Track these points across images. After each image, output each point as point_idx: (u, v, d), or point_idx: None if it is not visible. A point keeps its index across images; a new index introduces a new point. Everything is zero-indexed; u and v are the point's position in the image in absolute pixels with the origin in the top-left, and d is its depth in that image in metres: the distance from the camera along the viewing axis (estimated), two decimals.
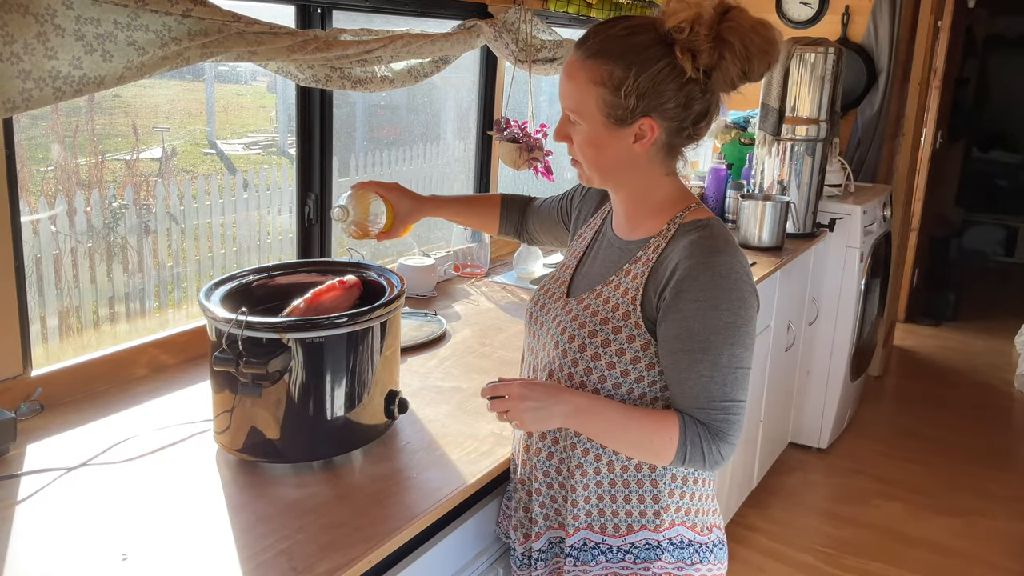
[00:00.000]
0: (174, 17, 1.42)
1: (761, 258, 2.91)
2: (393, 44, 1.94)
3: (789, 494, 3.33)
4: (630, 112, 1.18)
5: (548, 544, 1.35)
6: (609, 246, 1.34)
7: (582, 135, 1.23)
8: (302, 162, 2.12)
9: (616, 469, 1.27)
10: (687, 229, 1.23)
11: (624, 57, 1.16)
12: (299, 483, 1.34)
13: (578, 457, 1.28)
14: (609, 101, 1.18)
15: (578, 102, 1.21)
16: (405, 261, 2.32)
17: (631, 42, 1.17)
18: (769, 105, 3.30)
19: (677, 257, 1.20)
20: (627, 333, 1.23)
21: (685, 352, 1.18)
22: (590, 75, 1.18)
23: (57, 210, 1.72)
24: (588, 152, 1.24)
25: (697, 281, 1.17)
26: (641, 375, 1.23)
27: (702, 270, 1.17)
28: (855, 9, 3.89)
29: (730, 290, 1.17)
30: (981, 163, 7.12)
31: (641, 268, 1.24)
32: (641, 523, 1.28)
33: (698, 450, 1.18)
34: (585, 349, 1.25)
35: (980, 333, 5.27)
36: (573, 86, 1.21)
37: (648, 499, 1.28)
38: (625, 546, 1.29)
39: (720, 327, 1.16)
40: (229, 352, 1.26)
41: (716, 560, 1.34)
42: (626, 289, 1.25)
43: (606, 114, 1.19)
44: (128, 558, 1.14)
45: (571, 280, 1.37)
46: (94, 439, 1.46)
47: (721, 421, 1.18)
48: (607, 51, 1.17)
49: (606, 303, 1.26)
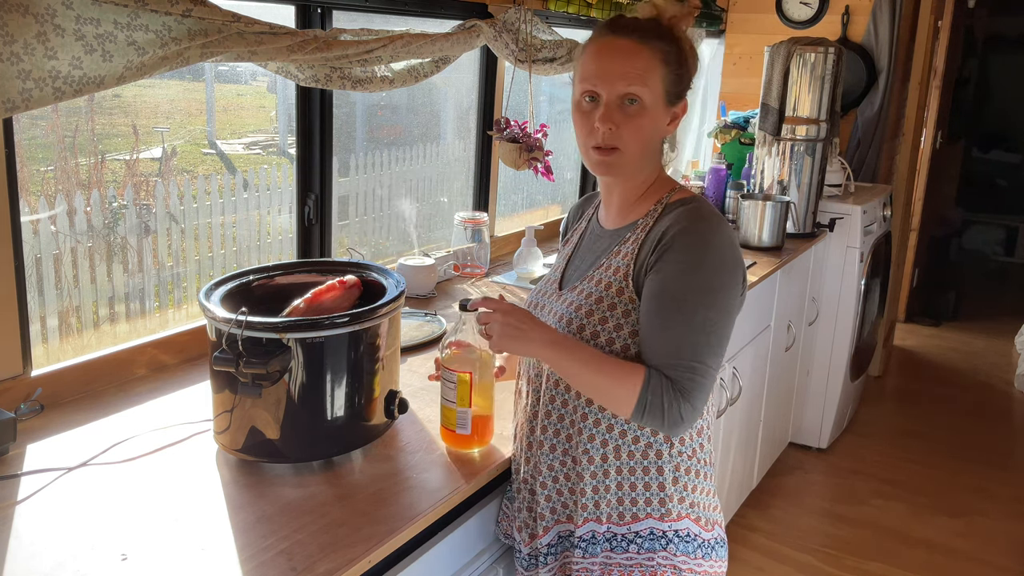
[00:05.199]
0: (174, 17, 1.42)
1: (761, 258, 2.90)
2: (393, 44, 1.94)
3: (789, 494, 3.33)
4: (683, 89, 1.28)
5: (557, 538, 1.35)
6: (598, 238, 1.38)
7: (645, 115, 1.25)
8: (302, 162, 2.12)
9: (623, 456, 1.29)
10: (674, 206, 1.28)
11: (668, 40, 1.26)
12: (299, 483, 1.34)
13: (584, 444, 1.30)
14: (672, 79, 1.26)
15: (648, 80, 1.24)
16: (405, 261, 2.32)
17: (662, 30, 1.26)
18: (769, 105, 3.30)
19: (663, 228, 1.25)
20: (622, 308, 1.26)
21: (659, 310, 1.22)
22: (657, 55, 1.24)
23: (57, 210, 1.72)
24: (646, 132, 1.27)
25: (680, 243, 1.22)
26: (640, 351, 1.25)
27: (686, 234, 1.22)
28: (855, 9, 3.89)
29: (712, 254, 1.22)
30: (981, 163, 7.13)
31: (630, 247, 1.29)
32: (647, 511, 1.29)
33: (658, 403, 1.19)
34: (583, 329, 1.27)
35: (980, 333, 5.27)
36: (642, 65, 1.24)
37: (654, 486, 1.29)
38: (630, 535, 1.30)
39: (697, 288, 1.20)
40: (229, 352, 1.26)
41: (718, 558, 1.35)
42: (617, 268, 1.29)
43: (667, 91, 1.26)
44: (128, 558, 1.14)
45: (562, 277, 1.41)
46: (94, 439, 1.46)
47: (687, 380, 1.20)
48: (655, 33, 1.25)
49: (599, 284, 1.29)
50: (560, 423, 1.32)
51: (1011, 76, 6.98)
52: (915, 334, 5.19)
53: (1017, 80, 7.00)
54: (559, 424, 1.32)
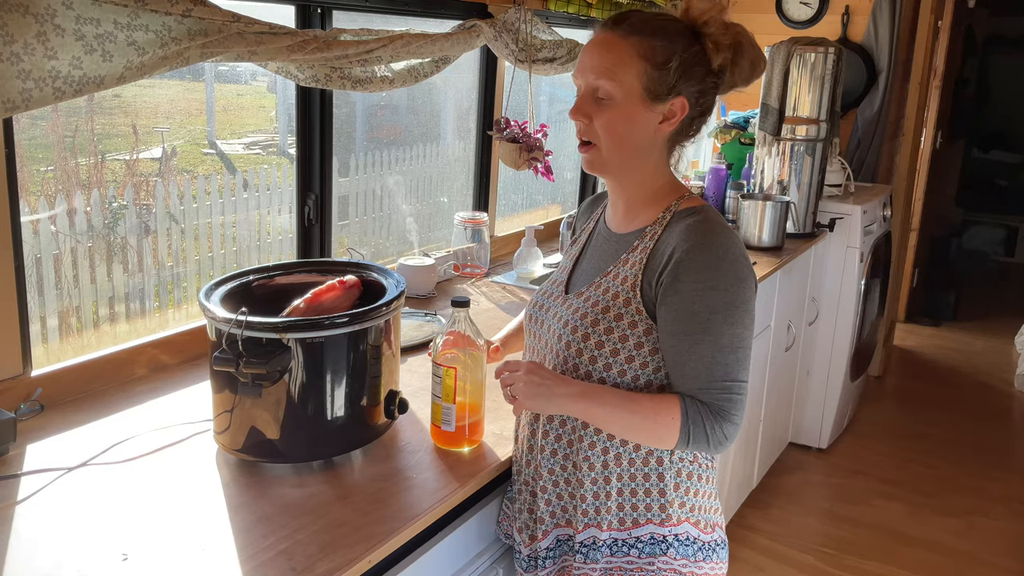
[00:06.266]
0: (174, 17, 1.42)
1: (761, 258, 2.91)
2: (393, 44, 1.94)
3: (789, 494, 3.33)
4: (670, 88, 1.22)
5: (556, 542, 1.35)
6: (605, 241, 1.36)
7: (614, 110, 1.23)
8: (302, 162, 2.12)
9: (623, 463, 1.28)
10: (682, 216, 1.26)
11: (667, 36, 1.22)
12: (299, 483, 1.34)
13: (585, 451, 1.29)
14: (652, 75, 1.21)
15: (618, 74, 1.21)
16: (405, 261, 2.32)
17: (670, 26, 1.23)
18: (769, 105, 3.30)
19: (674, 241, 1.22)
20: (629, 320, 1.24)
21: (686, 333, 1.19)
22: (635, 49, 1.21)
23: (57, 210, 1.72)
24: (618, 127, 1.24)
25: (695, 263, 1.19)
26: (646, 361, 1.25)
27: (699, 252, 1.19)
28: (855, 9, 3.89)
29: (727, 271, 1.19)
30: (981, 163, 7.13)
31: (639, 256, 1.26)
32: (647, 517, 1.29)
33: (701, 431, 1.18)
34: (589, 338, 1.26)
35: (980, 333, 5.27)
36: (613, 58, 1.22)
37: (655, 492, 1.28)
38: (631, 540, 1.29)
39: (719, 307, 1.18)
40: (229, 352, 1.26)
41: (718, 559, 1.35)
42: (625, 277, 1.26)
43: (645, 88, 1.22)
44: (128, 558, 1.14)
45: (569, 279, 1.39)
46: (94, 439, 1.46)
47: (724, 401, 1.19)
48: (650, 29, 1.22)
49: (606, 293, 1.28)
50: (562, 428, 1.32)
51: (1011, 76, 6.99)
52: (915, 334, 5.19)
53: (1017, 80, 7.00)
54: (560, 429, 1.32)
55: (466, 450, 1.46)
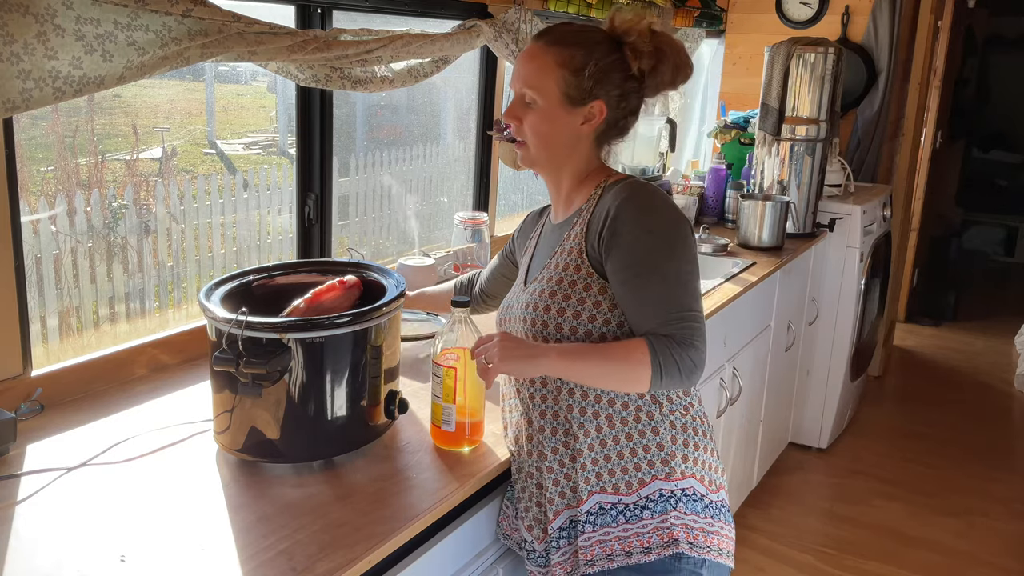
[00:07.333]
0: (174, 17, 1.42)
1: (761, 258, 2.91)
2: (393, 44, 1.94)
3: (789, 494, 3.33)
4: (586, 93, 1.34)
5: (569, 522, 1.36)
6: (550, 233, 1.47)
7: (537, 113, 1.36)
8: (302, 162, 2.12)
9: (616, 424, 1.33)
10: (611, 187, 1.37)
11: (584, 46, 1.34)
12: (299, 483, 1.34)
13: (578, 418, 1.34)
14: (570, 82, 1.33)
15: (540, 81, 1.35)
16: (405, 261, 2.32)
17: (589, 36, 1.36)
18: (769, 105, 3.30)
19: (607, 204, 1.34)
20: (583, 283, 1.34)
21: (635, 276, 1.29)
22: (555, 58, 1.34)
23: (57, 210, 1.72)
24: (541, 128, 1.37)
25: (629, 213, 1.31)
26: (607, 317, 1.33)
27: (631, 203, 1.31)
28: (855, 9, 3.89)
29: (660, 214, 1.32)
30: (981, 163, 7.12)
31: (578, 228, 1.37)
32: (651, 474, 1.32)
33: (671, 361, 1.25)
34: (550, 309, 1.35)
35: (980, 333, 5.27)
36: (535, 67, 1.35)
37: (653, 447, 1.33)
38: (640, 501, 1.31)
39: (660, 246, 1.29)
40: (229, 352, 1.26)
41: (726, 522, 1.38)
42: (571, 249, 1.37)
43: (564, 93, 1.34)
44: (128, 558, 1.14)
45: (526, 276, 1.49)
46: (94, 439, 1.46)
47: (684, 329, 1.27)
48: (569, 40, 1.35)
49: (557, 268, 1.38)
50: (556, 405, 1.36)
51: (1011, 76, 6.98)
52: (915, 334, 5.20)
53: (1017, 80, 7.00)
54: (555, 407, 1.36)
55: (466, 450, 1.46)
